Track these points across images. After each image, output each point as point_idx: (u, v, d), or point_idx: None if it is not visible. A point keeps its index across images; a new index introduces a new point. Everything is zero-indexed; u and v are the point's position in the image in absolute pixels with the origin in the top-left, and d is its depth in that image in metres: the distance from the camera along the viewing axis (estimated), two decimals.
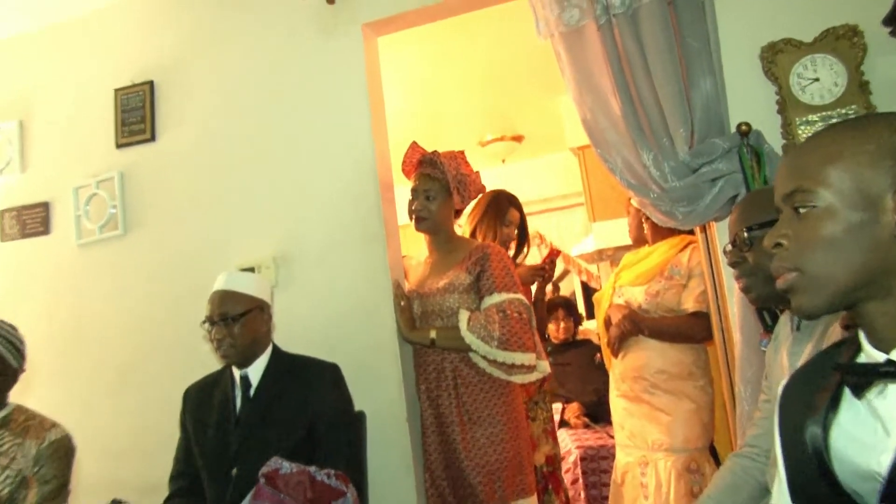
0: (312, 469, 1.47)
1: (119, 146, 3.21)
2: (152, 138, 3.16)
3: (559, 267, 7.21)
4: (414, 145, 2.81)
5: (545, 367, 2.68)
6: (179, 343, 3.02)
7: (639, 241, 3.33)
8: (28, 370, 2.34)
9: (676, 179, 2.33)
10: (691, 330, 2.97)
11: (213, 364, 2.61)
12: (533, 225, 7.14)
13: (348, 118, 2.84)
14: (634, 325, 3.03)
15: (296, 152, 2.91)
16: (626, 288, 3.19)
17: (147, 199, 3.15)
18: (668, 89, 2.35)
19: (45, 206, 3.33)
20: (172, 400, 2.70)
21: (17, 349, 2.27)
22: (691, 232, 2.93)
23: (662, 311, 3.04)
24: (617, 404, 3.19)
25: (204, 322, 2.35)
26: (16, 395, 2.35)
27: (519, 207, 3.43)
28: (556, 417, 4.19)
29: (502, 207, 3.32)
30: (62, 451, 2.21)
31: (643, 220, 3.23)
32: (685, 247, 3.09)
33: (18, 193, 3.41)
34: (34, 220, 3.34)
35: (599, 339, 3.51)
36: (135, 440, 3.02)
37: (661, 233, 3.15)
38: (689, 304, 2.98)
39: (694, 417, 2.95)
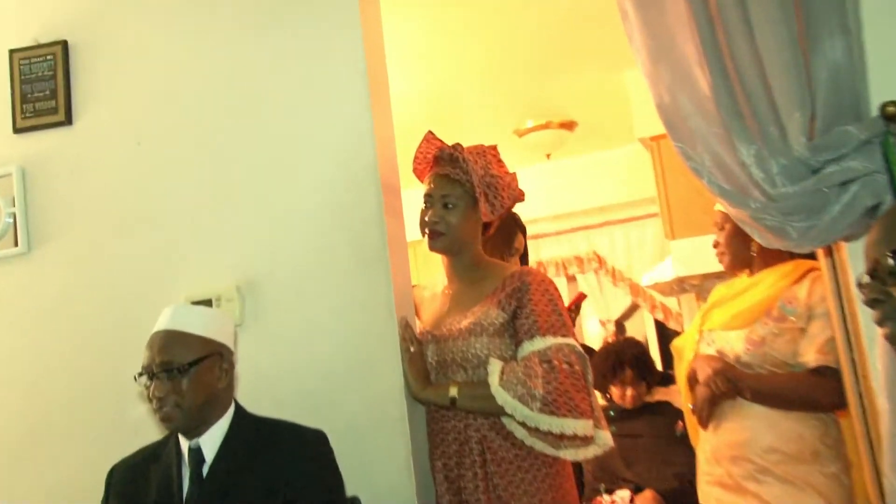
0: None
1: (18, 130, 3.27)
2: (67, 121, 3.22)
3: (625, 301, 7.27)
4: (429, 137, 2.88)
5: (606, 438, 2.70)
6: (101, 403, 3.06)
7: (734, 266, 3.31)
8: None
9: (789, 183, 2.27)
10: (814, 393, 2.92)
11: (148, 433, 2.69)
12: (589, 243, 7.20)
13: (340, 102, 2.88)
14: (731, 385, 3.00)
15: (269, 145, 2.97)
16: (718, 332, 3.19)
17: (59, 205, 3.20)
18: (780, 57, 2.28)
19: None
20: (87, 484, 2.73)
21: None
22: (812, 256, 2.90)
23: (771, 365, 3.00)
24: (709, 495, 3.15)
25: (140, 374, 2.37)
26: None
27: (524, 231, 3.52)
28: None
29: (510, 232, 3.41)
30: None
31: (740, 238, 3.17)
32: (802, 276, 3.06)
33: None
34: None
35: (683, 402, 3.48)
36: None
37: (767, 257, 3.16)
38: (810, 357, 2.92)
39: None
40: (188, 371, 2.31)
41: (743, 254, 3.23)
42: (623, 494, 4.29)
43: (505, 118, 5.96)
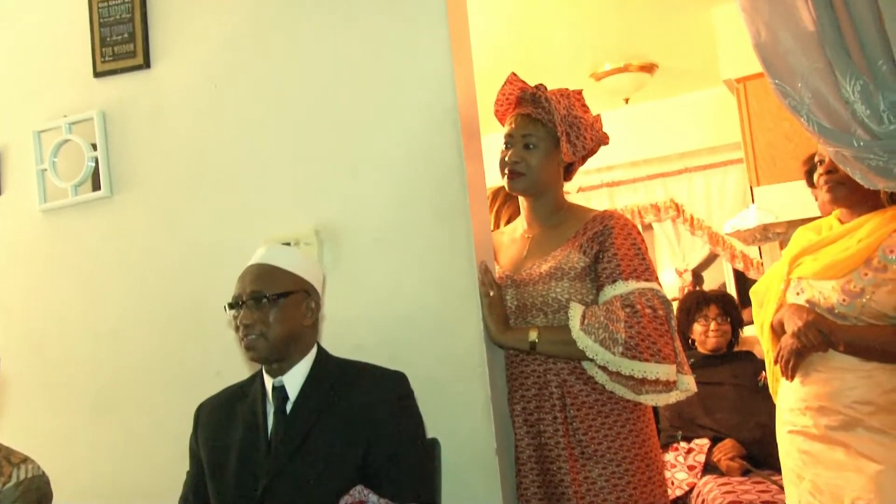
0: None
1: (98, 74, 3.33)
2: (146, 64, 3.26)
3: (703, 250, 7.21)
4: (512, 78, 2.88)
5: (690, 383, 2.71)
6: (185, 346, 3.15)
7: (845, 202, 3.13)
8: None
9: None
10: None
11: (231, 374, 2.75)
12: (667, 191, 7.14)
13: (420, 47, 2.87)
14: (823, 337, 2.93)
15: (348, 91, 2.97)
16: (809, 281, 3.10)
17: (142, 150, 3.26)
18: None
19: None
20: (175, 423, 2.85)
21: None
22: None
23: (869, 317, 2.93)
24: (792, 445, 3.11)
25: (230, 305, 2.46)
26: None
27: None
28: (701, 458, 4.24)
29: None
30: (34, 495, 2.33)
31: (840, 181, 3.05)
32: None
33: None
34: None
35: (763, 350, 3.44)
36: (123, 479, 3.17)
37: (864, 201, 3.05)
38: None
39: None
40: (276, 302, 2.40)
41: (862, 191, 2.96)
42: (701, 442, 4.30)
43: (581, 61, 5.93)
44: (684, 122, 6.88)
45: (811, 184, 3.27)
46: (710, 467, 4.24)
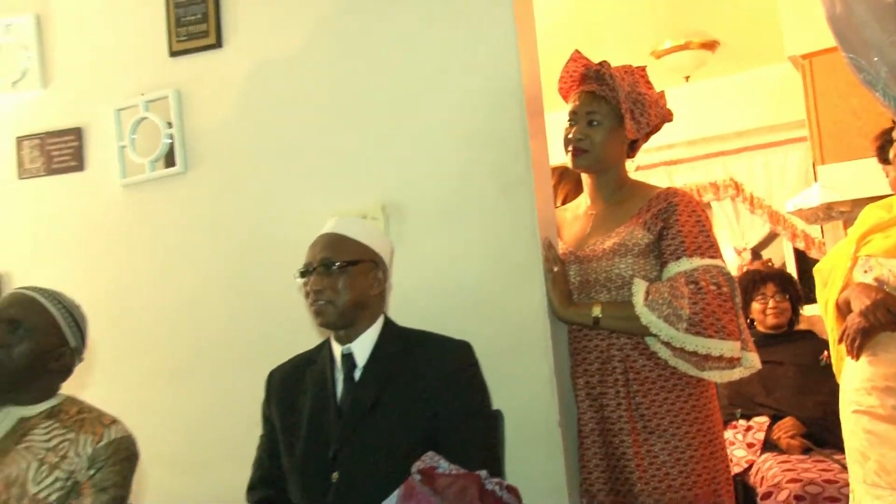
0: (482, 473, 1.62)
1: (174, 54, 3.38)
2: (218, 43, 3.31)
3: (763, 229, 7.14)
4: (576, 56, 2.89)
5: (754, 360, 2.69)
6: (255, 315, 3.21)
7: None
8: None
9: None
10: None
11: (301, 341, 2.79)
12: (726, 169, 7.08)
13: (484, 25, 2.87)
14: (892, 317, 2.89)
15: (414, 68, 3.00)
16: (878, 259, 3.06)
17: (213, 126, 3.32)
18: None
19: (76, 133, 3.55)
20: (247, 390, 2.89)
21: (80, 330, 2.53)
22: None
23: None
24: (857, 425, 3.07)
25: (301, 272, 2.51)
26: None
27: None
28: (760, 436, 4.23)
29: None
30: (124, 454, 2.40)
31: None
32: None
33: (41, 116, 3.63)
34: (63, 152, 3.57)
35: (827, 329, 3.40)
36: (198, 444, 3.25)
37: None
38: None
39: None
40: (345, 269, 2.45)
41: None
42: (761, 420, 4.28)
43: (642, 39, 5.89)
44: (745, 100, 6.80)
45: (883, 160, 3.23)
46: (769, 445, 4.22)
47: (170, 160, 3.39)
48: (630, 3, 5.31)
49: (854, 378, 3.11)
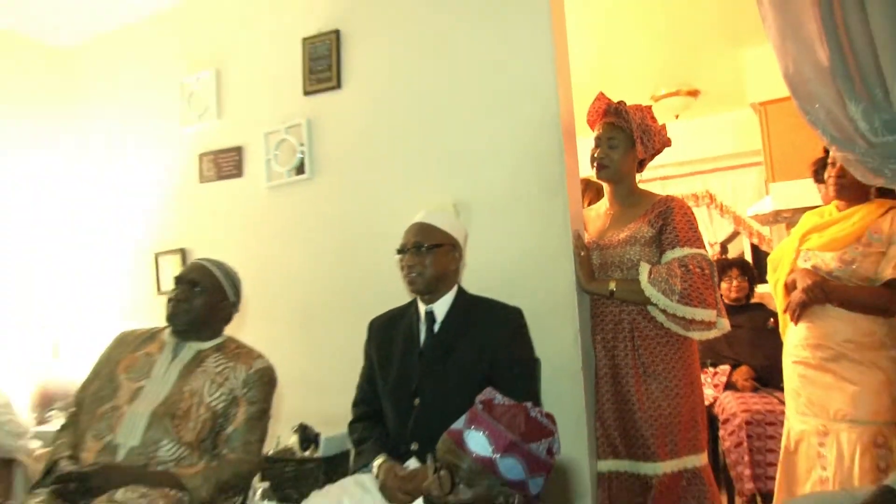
0: (528, 405, 1.54)
1: (307, 93, 3.39)
2: (338, 86, 3.31)
3: (729, 228, 7.02)
4: (600, 95, 2.83)
5: (725, 324, 2.65)
6: (358, 282, 3.21)
7: (845, 195, 3.08)
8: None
9: (889, 134, 2.18)
10: (887, 303, 2.82)
11: (390, 302, 2.73)
12: (704, 184, 6.99)
13: (533, 66, 2.84)
14: (823, 294, 2.90)
15: (479, 101, 2.97)
16: (814, 252, 3.04)
17: (332, 145, 3.33)
18: (887, 33, 2.16)
19: (238, 151, 3.60)
20: (350, 337, 2.88)
21: (237, 289, 2.55)
22: (890, 196, 2.82)
23: (857, 279, 2.89)
24: (793, 371, 3.07)
25: (399, 251, 2.48)
26: None
27: None
28: (723, 379, 4.17)
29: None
30: (266, 379, 2.42)
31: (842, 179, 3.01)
32: (886, 212, 2.91)
33: (215, 138, 3.70)
34: (229, 164, 3.62)
35: (777, 303, 3.36)
36: (316, 372, 3.25)
37: (857, 196, 2.99)
38: (888, 273, 2.81)
39: (884, 389, 2.80)
40: (431, 250, 2.42)
41: (858, 188, 2.99)
42: (724, 367, 4.24)
43: (644, 87, 5.85)
44: (718, 134, 6.73)
45: (818, 180, 3.20)
46: (729, 385, 4.20)
47: (301, 170, 3.40)
48: (636, 60, 5.25)
49: (794, 337, 3.09)
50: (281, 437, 3.06)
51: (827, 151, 3.07)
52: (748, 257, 6.80)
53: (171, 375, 2.37)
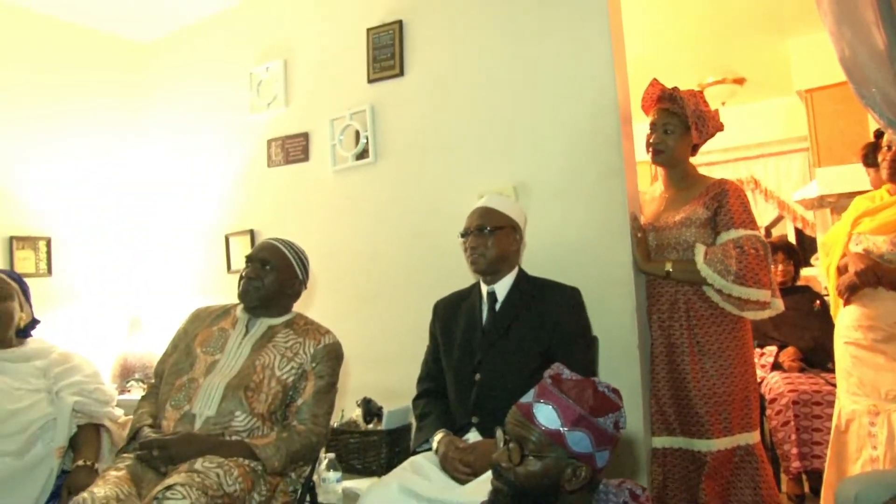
0: (595, 379, 1.50)
1: (370, 81, 3.37)
2: (401, 73, 3.29)
3: (773, 213, 6.86)
4: (654, 82, 2.76)
5: (779, 305, 2.59)
6: (420, 262, 3.19)
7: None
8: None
9: None
10: None
11: (451, 281, 2.73)
12: (748, 169, 6.84)
13: (590, 52, 2.78)
14: (875, 277, 2.80)
15: (538, 86, 2.91)
16: (865, 236, 2.93)
17: (395, 130, 3.31)
18: None
19: (305, 136, 3.60)
20: (413, 315, 2.92)
21: (305, 267, 2.53)
22: None
23: None
24: (845, 351, 2.97)
25: (462, 234, 2.45)
26: None
27: None
28: (770, 360, 4.06)
29: None
30: (334, 354, 2.41)
31: None
32: None
33: (283, 125, 3.70)
34: (296, 149, 3.63)
35: (827, 284, 3.26)
36: (381, 348, 3.24)
37: None
38: None
39: None
40: (493, 233, 2.39)
41: None
42: (771, 349, 4.12)
43: (692, 75, 5.72)
44: (764, 121, 6.58)
45: (867, 164, 3.09)
46: (776, 366, 4.08)
47: (365, 154, 3.39)
48: (683, 49, 5.16)
49: (846, 318, 2.98)
50: (345, 410, 3.08)
51: (878, 136, 2.97)
52: (792, 241, 6.64)
53: (244, 350, 2.37)
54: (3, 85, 3.70)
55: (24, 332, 2.66)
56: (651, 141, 2.70)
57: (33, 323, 2.69)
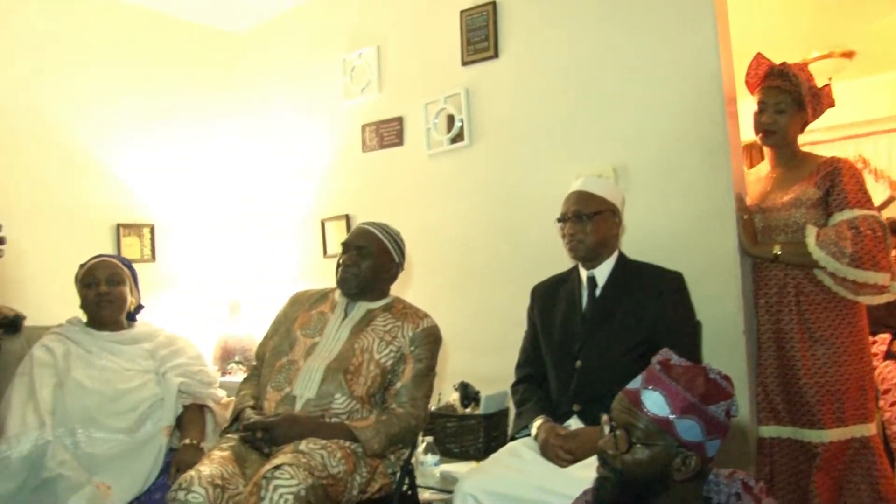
0: (706, 365, 1.46)
1: (464, 64, 3.36)
2: (495, 55, 3.26)
3: (883, 194, 6.54)
4: (759, 56, 2.63)
5: None
6: (516, 246, 3.17)
7: None
8: None
9: None
10: None
11: (547, 265, 2.69)
12: (856, 148, 6.53)
13: (693, 26, 2.69)
14: None
15: (637, 64, 2.84)
16: None
17: (490, 113, 3.28)
18: None
19: (399, 121, 3.62)
20: (509, 299, 2.90)
21: (401, 249, 2.53)
22: None
23: None
24: None
25: (559, 219, 2.41)
26: None
27: None
28: (883, 348, 3.84)
29: None
30: (432, 338, 2.43)
31: None
32: None
33: (377, 110, 3.73)
34: (390, 133, 3.65)
35: None
36: (477, 333, 3.24)
37: None
38: None
39: None
40: (592, 218, 2.34)
41: None
42: (884, 336, 3.92)
43: (794, 49, 5.42)
44: (873, 97, 6.25)
45: None
46: (889, 355, 3.85)
47: (459, 137, 3.38)
48: (787, 22, 4.91)
49: None
50: (442, 394, 3.10)
51: None
52: None
53: (343, 333, 2.41)
54: (112, 78, 3.86)
55: (131, 316, 2.78)
56: (762, 121, 2.57)
57: (138, 308, 2.81)
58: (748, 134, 2.80)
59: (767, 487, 1.47)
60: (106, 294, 2.63)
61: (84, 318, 2.70)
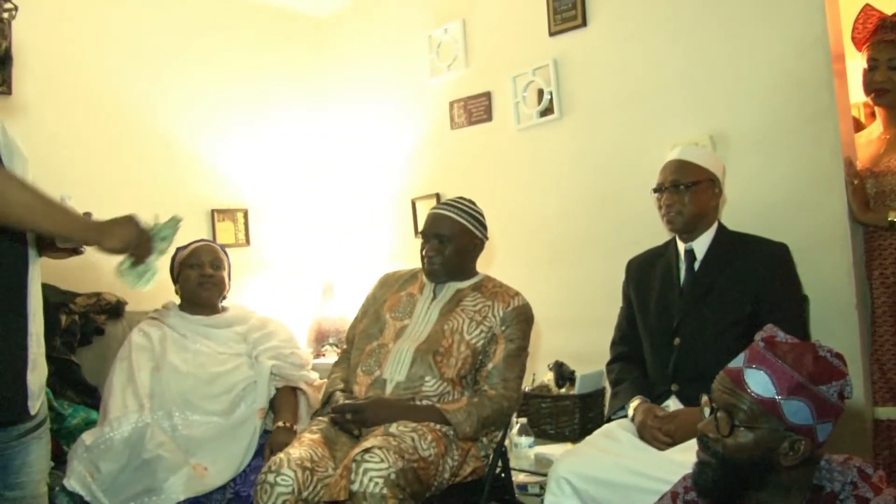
0: (816, 342, 1.37)
1: (552, 34, 3.28)
2: (583, 24, 3.17)
3: None
4: (868, 8, 2.45)
5: None
6: (609, 220, 3.10)
7: None
8: None
9: None
10: None
11: (643, 239, 2.62)
12: None
13: None
14: None
15: (734, 25, 2.71)
16: None
17: (580, 84, 3.21)
18: None
19: (487, 96, 3.58)
20: (604, 275, 2.85)
21: (480, 222, 2.48)
22: None
23: None
24: None
25: (655, 190, 2.33)
26: None
27: None
28: None
29: None
30: (524, 317, 2.39)
31: None
32: None
33: (464, 86, 3.69)
34: (478, 109, 3.61)
35: None
36: (571, 310, 3.20)
37: None
38: None
39: None
40: (690, 188, 2.25)
41: None
42: None
43: None
44: None
45: None
46: None
47: (549, 110, 3.31)
48: None
49: None
50: (536, 374, 3.06)
51: None
52: None
53: (433, 315, 2.41)
54: (205, 67, 3.95)
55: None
56: (875, 79, 2.41)
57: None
58: (857, 95, 2.64)
59: (888, 476, 1.37)
60: (210, 276, 2.72)
61: (178, 303, 2.80)
